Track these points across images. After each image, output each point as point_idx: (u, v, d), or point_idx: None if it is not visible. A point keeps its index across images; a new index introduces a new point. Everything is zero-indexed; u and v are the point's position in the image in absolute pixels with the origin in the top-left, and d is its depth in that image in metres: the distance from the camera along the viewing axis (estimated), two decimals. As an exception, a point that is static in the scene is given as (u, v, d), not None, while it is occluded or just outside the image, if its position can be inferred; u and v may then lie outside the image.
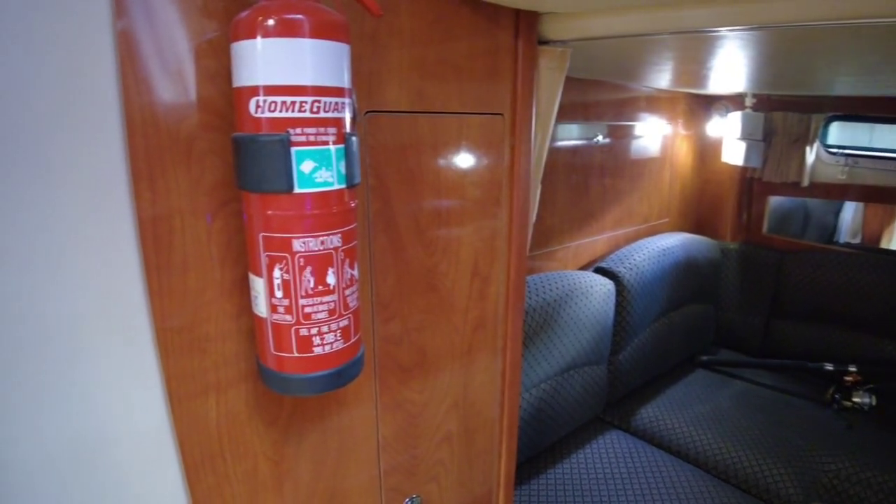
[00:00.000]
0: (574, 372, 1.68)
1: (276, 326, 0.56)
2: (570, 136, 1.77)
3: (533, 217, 1.01)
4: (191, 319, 0.60)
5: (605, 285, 1.73)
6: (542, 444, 1.65)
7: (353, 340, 0.60)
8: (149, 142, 0.55)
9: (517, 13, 0.85)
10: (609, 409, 1.92)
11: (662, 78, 1.73)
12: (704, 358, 2.25)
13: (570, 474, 1.61)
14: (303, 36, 0.51)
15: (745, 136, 2.14)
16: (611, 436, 1.79)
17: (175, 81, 0.56)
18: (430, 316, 0.85)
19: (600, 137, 1.85)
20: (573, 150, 1.79)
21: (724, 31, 0.79)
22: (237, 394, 0.65)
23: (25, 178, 0.51)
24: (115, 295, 0.57)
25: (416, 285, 0.82)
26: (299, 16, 0.51)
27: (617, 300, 1.78)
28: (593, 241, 1.97)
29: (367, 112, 0.71)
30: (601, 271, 1.82)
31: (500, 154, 0.90)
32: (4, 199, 0.50)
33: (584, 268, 1.93)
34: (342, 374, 0.60)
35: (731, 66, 1.35)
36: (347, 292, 0.58)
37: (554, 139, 1.05)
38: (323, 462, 0.77)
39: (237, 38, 0.52)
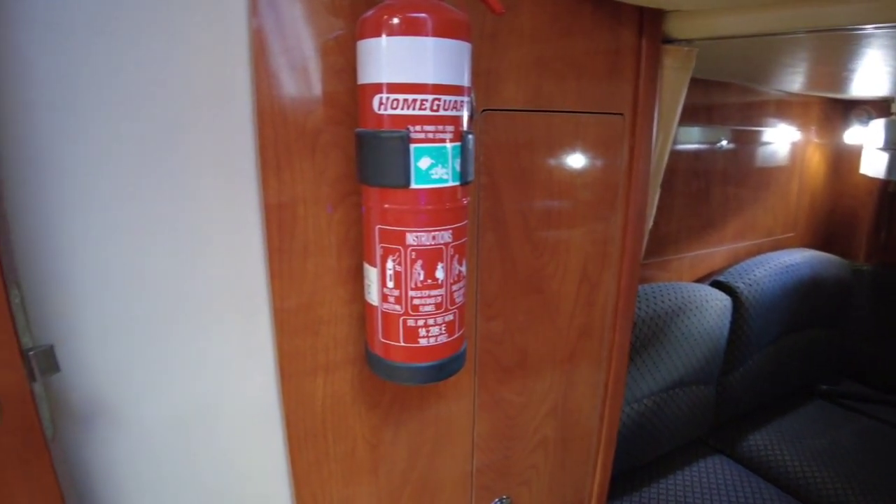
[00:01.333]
0: (680, 390, 1.59)
1: (386, 315, 0.58)
2: (692, 139, 1.67)
3: (649, 223, 0.97)
4: (307, 302, 0.64)
5: (721, 300, 1.62)
6: (640, 460, 1.58)
7: (457, 335, 0.61)
8: (277, 134, 0.58)
9: (641, 11, 0.82)
10: (715, 432, 1.80)
11: (795, 80, 1.59)
12: (825, 388, 2.04)
13: (667, 495, 1.53)
14: (426, 34, 0.52)
15: (890, 146, 1.91)
16: (714, 461, 1.68)
17: (303, 77, 0.59)
18: (533, 318, 0.84)
19: (724, 142, 1.73)
20: (694, 155, 1.69)
21: (870, 28, 0.71)
22: (343, 376, 0.68)
23: (171, 167, 0.57)
24: (240, 275, 0.62)
25: (522, 286, 0.81)
26: (423, 14, 0.51)
27: (733, 317, 1.66)
28: (711, 253, 1.85)
29: (484, 110, 0.71)
30: (718, 285, 1.70)
31: (617, 155, 0.86)
32: (153, 187, 0.56)
33: (699, 280, 1.82)
34: (444, 367, 0.61)
35: (877, 67, 1.21)
36: (454, 288, 0.59)
37: (675, 142, 1.00)
38: (418, 451, 0.78)
39: (363, 36, 0.54)
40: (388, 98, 0.53)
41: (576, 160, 0.82)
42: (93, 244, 0.55)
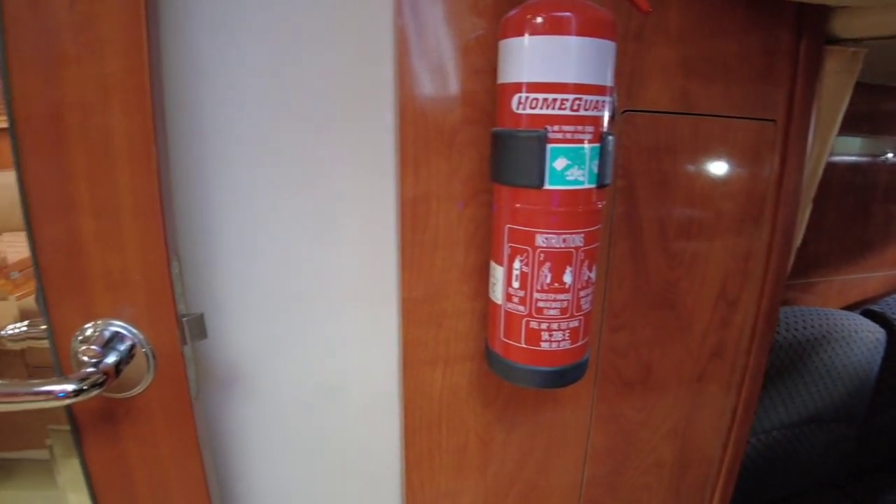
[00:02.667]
0: (816, 426, 1.44)
1: (509, 315, 0.58)
2: (850, 150, 1.50)
3: (797, 241, 0.88)
4: (433, 294, 0.65)
5: (872, 332, 1.44)
6: (763, 497, 1.45)
7: (580, 343, 0.59)
8: (417, 132, 0.60)
9: (800, 8, 0.74)
10: (853, 479, 1.61)
11: None
12: None
13: (793, 542, 1.39)
14: (569, 34, 0.51)
15: None
16: (852, 512, 1.50)
17: (443, 76, 0.60)
18: (662, 333, 0.80)
19: (890, 155, 1.54)
20: (853, 168, 1.52)
21: None
22: (462, 370, 0.69)
23: (317, 160, 0.61)
24: (373, 264, 0.65)
25: (652, 298, 0.77)
26: (567, 13, 0.50)
27: (886, 352, 1.47)
28: (864, 278, 1.65)
29: (625, 111, 0.68)
30: (870, 315, 1.52)
31: (766, 165, 0.79)
32: (301, 179, 0.60)
33: (849, 308, 1.63)
34: (564, 374, 0.59)
35: None
36: (582, 294, 0.57)
37: (831, 153, 0.90)
38: (529, 454, 0.77)
39: (505, 36, 0.53)
40: (527, 97, 0.52)
41: (720, 167, 0.76)
42: (244, 227, 0.60)
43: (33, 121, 0.51)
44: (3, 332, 0.59)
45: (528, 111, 0.53)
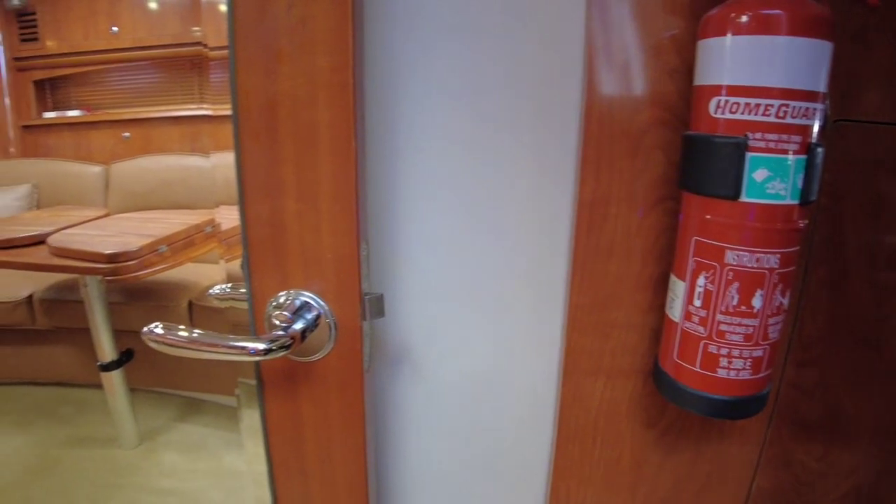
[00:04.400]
0: None
1: (686, 335, 0.54)
2: None
3: None
4: (602, 302, 0.63)
5: None
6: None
7: (761, 374, 0.54)
8: (602, 132, 0.58)
9: None
10: None
11: None
12: None
13: None
14: (779, 33, 0.46)
15: None
16: None
17: (633, 76, 0.58)
18: (860, 376, 0.69)
19: None
20: None
21: None
22: (623, 385, 0.66)
23: (498, 154, 0.62)
24: (543, 263, 0.65)
25: (852, 336, 0.67)
26: (777, 11, 0.45)
27: None
28: None
29: (837, 120, 0.60)
30: None
31: None
32: (480, 173, 0.62)
33: None
34: (739, 406, 0.54)
35: None
36: (771, 321, 0.52)
37: None
38: (684, 484, 0.72)
39: (705, 35, 0.50)
40: (726, 101, 0.48)
41: (957, 192, 0.65)
42: (425, 217, 0.63)
43: (252, 110, 0.57)
44: (211, 291, 0.68)
45: (728, 116, 0.49)
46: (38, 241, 1.40)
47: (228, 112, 0.59)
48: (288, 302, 0.58)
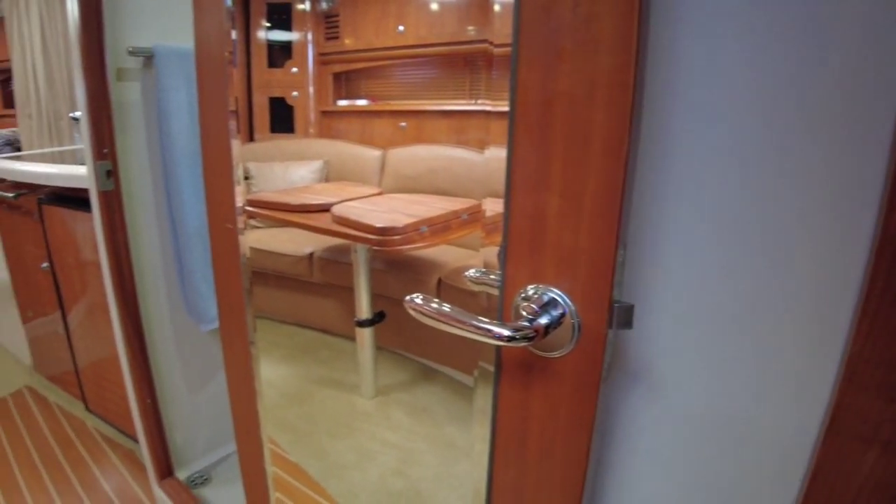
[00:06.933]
0: None
1: None
2: None
3: None
4: (894, 360, 0.52)
5: None
6: None
7: None
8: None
9: None
10: None
11: None
12: None
13: None
14: None
15: None
16: None
17: None
18: None
19: None
20: None
21: None
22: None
23: (787, 171, 0.54)
24: (820, 301, 0.56)
25: None
26: None
27: None
28: None
29: None
30: None
31: None
32: (766, 189, 0.55)
33: None
34: None
35: None
36: None
37: None
38: None
39: None
40: None
41: None
42: (691, 229, 0.59)
43: (528, 107, 0.59)
44: (467, 273, 0.73)
45: None
46: (324, 209, 1.68)
47: (502, 108, 0.63)
48: (536, 295, 0.60)
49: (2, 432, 2.63)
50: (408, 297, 0.63)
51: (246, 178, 1.08)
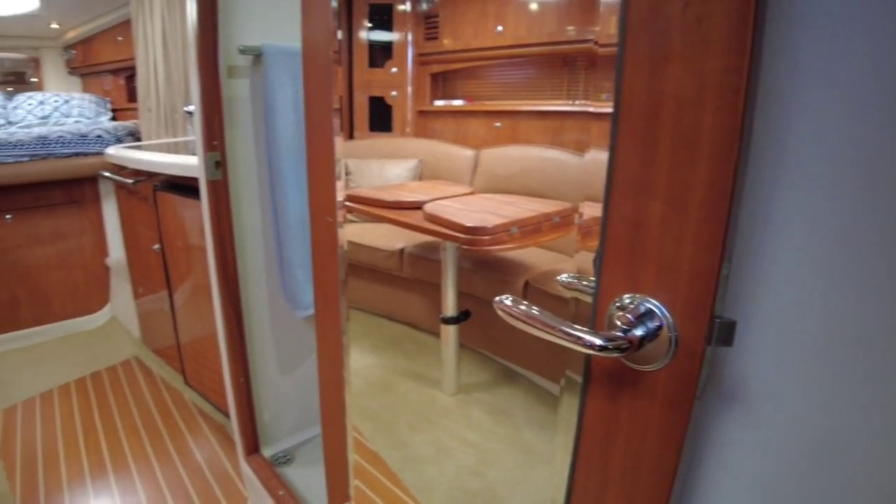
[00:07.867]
0: None
1: None
2: None
3: None
4: None
5: None
6: None
7: None
8: None
9: None
10: None
11: None
12: None
13: None
14: None
15: None
16: None
17: None
18: None
19: None
20: None
21: None
22: None
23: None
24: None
25: None
26: None
27: None
28: None
29: None
30: None
31: None
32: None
33: None
34: None
35: None
36: None
37: None
38: None
39: None
40: None
41: None
42: (801, 245, 0.55)
43: (633, 109, 0.57)
44: (559, 278, 0.71)
45: None
46: (417, 206, 1.71)
47: (604, 110, 0.61)
48: (632, 305, 0.58)
49: (112, 396, 2.90)
50: (497, 298, 0.63)
51: (346, 174, 1.12)
